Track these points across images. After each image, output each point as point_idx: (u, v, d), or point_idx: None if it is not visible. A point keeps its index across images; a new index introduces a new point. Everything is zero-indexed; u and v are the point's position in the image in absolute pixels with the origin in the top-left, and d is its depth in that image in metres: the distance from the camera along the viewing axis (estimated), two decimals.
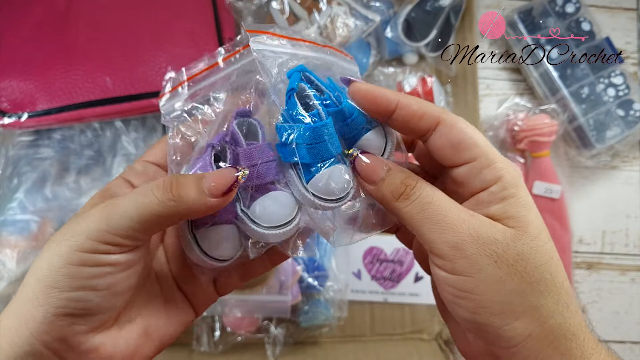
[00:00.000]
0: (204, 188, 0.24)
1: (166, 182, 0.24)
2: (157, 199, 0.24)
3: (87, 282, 0.24)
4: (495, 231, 0.24)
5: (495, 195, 0.25)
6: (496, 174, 0.25)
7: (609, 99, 0.67)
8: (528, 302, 0.23)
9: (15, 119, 0.54)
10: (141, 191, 0.24)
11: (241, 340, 0.59)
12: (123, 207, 0.24)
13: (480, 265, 0.23)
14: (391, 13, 0.67)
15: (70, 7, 0.57)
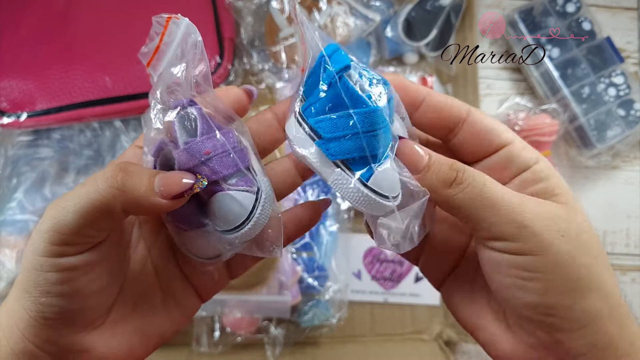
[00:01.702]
0: (154, 185, 0.22)
1: (114, 170, 0.22)
2: (99, 188, 0.22)
3: (51, 288, 0.22)
4: (554, 207, 0.24)
5: (539, 173, 0.25)
6: (535, 154, 0.26)
7: (609, 99, 0.67)
8: (595, 277, 0.23)
9: (15, 119, 0.54)
10: (89, 181, 0.22)
11: (241, 341, 0.59)
12: (66, 202, 0.22)
13: (549, 242, 0.22)
14: (391, 12, 0.67)
15: (69, 7, 0.57)
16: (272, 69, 0.59)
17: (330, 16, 0.58)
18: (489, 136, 0.26)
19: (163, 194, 0.22)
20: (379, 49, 0.68)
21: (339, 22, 0.58)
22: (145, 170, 0.23)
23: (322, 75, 0.23)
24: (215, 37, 0.56)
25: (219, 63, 0.55)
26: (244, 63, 0.59)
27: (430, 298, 0.64)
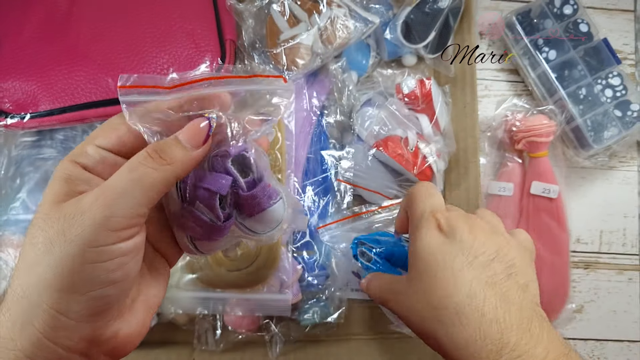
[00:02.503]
0: (185, 144, 0.25)
1: (152, 152, 0.25)
2: (152, 169, 0.24)
3: (107, 277, 0.23)
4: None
5: None
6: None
7: (606, 100, 0.68)
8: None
9: (18, 120, 0.54)
10: (129, 169, 0.24)
11: (242, 339, 0.60)
12: (121, 188, 0.23)
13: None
14: (390, 15, 0.67)
15: (72, 8, 0.57)
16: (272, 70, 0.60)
17: (330, 19, 0.59)
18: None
19: (194, 143, 0.26)
20: (378, 51, 0.69)
21: (339, 25, 0.59)
22: (167, 140, 0.26)
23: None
24: (216, 39, 0.57)
25: (221, 65, 0.55)
26: (245, 65, 0.59)
27: None
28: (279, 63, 0.59)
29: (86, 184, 0.26)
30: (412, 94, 0.63)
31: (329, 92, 0.64)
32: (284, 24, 0.59)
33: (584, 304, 0.71)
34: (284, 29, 0.59)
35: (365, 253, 0.53)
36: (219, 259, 0.55)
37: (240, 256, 0.55)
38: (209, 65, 0.55)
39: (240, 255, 0.55)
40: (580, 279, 0.71)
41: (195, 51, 0.55)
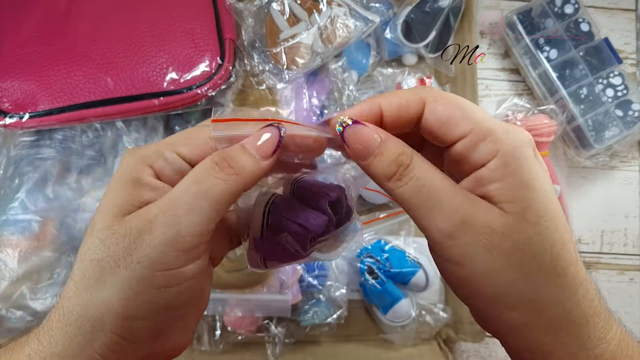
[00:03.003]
0: (255, 154, 0.23)
1: (220, 160, 0.23)
2: (221, 180, 0.22)
3: (173, 302, 0.22)
4: (490, 219, 0.22)
5: (494, 171, 0.22)
6: (493, 147, 0.22)
7: (607, 100, 0.68)
8: (523, 295, 0.22)
9: (17, 119, 0.54)
10: (195, 180, 0.22)
11: (242, 340, 0.59)
12: (189, 202, 0.22)
13: (474, 255, 0.22)
14: (390, 14, 0.67)
15: (71, 8, 0.57)
16: (272, 70, 0.59)
17: (330, 18, 0.58)
18: (444, 127, 0.23)
19: (263, 154, 0.23)
20: (378, 50, 0.68)
21: (339, 24, 0.58)
22: (234, 149, 0.24)
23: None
24: (216, 38, 0.56)
25: (220, 64, 0.55)
26: (245, 64, 0.59)
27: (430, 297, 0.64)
28: (279, 62, 0.58)
29: (153, 192, 0.23)
30: None
31: (329, 91, 0.64)
32: (284, 23, 0.59)
33: None
34: (283, 28, 0.59)
35: (373, 271, 0.56)
36: None
37: (240, 257, 0.55)
38: (208, 65, 0.55)
39: (240, 256, 0.55)
40: None
41: (195, 50, 0.55)
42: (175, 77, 0.54)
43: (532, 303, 0.22)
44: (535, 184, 0.22)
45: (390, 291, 0.59)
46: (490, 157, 0.22)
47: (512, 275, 0.22)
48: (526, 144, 0.23)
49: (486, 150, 0.22)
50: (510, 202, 0.22)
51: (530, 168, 0.22)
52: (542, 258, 0.22)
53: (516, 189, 0.22)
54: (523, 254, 0.22)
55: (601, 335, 0.22)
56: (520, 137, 0.23)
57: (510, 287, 0.22)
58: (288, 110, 0.60)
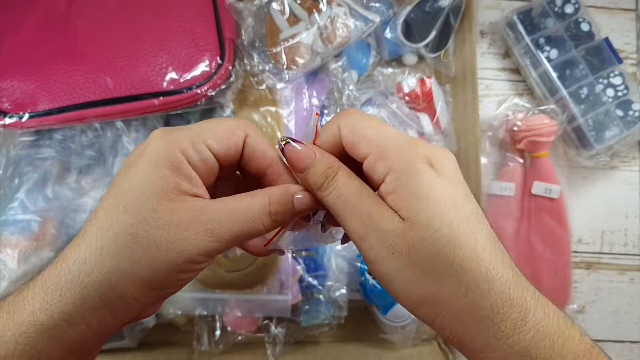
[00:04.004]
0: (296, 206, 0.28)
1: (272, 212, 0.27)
2: (263, 226, 0.26)
3: (181, 283, 0.26)
4: (391, 223, 0.25)
5: (388, 185, 0.26)
6: (386, 166, 0.26)
7: (608, 100, 0.68)
8: (425, 291, 0.25)
9: (17, 119, 0.54)
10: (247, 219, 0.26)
11: (241, 340, 0.59)
12: (229, 225, 0.25)
13: (382, 256, 0.25)
14: (391, 14, 0.67)
15: (70, 8, 0.57)
16: (272, 70, 0.59)
17: (330, 18, 0.58)
18: (352, 150, 0.27)
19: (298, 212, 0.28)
20: (378, 50, 0.68)
21: (339, 24, 0.58)
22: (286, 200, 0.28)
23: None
24: (216, 38, 0.56)
25: (220, 64, 0.55)
26: (245, 64, 0.59)
27: None
28: (279, 62, 0.58)
29: (189, 183, 0.26)
30: (413, 92, 0.63)
31: (329, 91, 0.64)
32: (284, 22, 0.59)
33: (586, 304, 0.70)
34: (283, 28, 0.59)
35: None
36: (218, 260, 0.55)
37: (240, 257, 0.55)
38: (208, 65, 0.55)
39: (240, 256, 0.55)
40: (581, 279, 0.71)
41: (195, 50, 0.55)
42: (175, 77, 0.54)
43: (435, 298, 0.24)
44: (423, 193, 0.25)
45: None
46: (384, 174, 0.26)
47: (412, 274, 0.25)
48: (416, 160, 0.25)
49: (381, 168, 0.26)
50: (402, 210, 0.25)
51: (420, 179, 0.25)
52: (437, 256, 0.24)
53: (406, 199, 0.25)
54: (419, 254, 0.24)
55: (514, 326, 0.24)
56: (411, 154, 0.26)
57: (413, 284, 0.25)
58: (288, 110, 0.60)
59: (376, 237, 0.25)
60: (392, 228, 0.25)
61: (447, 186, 0.25)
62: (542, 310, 0.24)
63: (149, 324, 0.58)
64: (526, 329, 0.24)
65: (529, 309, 0.24)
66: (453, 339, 0.25)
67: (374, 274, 0.26)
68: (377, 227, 0.25)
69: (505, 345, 0.24)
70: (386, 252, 0.25)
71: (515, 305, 0.24)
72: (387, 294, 0.51)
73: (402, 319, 0.60)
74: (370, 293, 0.60)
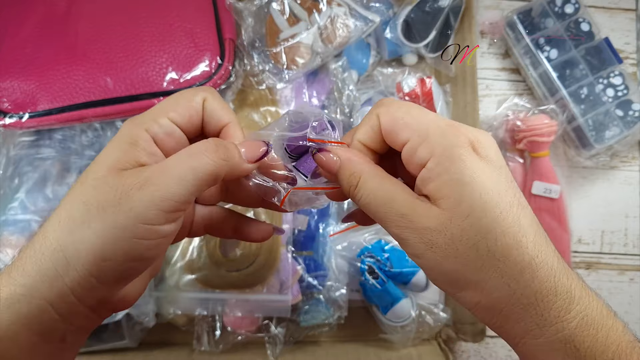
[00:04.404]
0: (243, 155, 0.27)
1: (217, 147, 0.26)
2: (211, 161, 0.25)
3: (141, 254, 0.25)
4: (428, 219, 0.25)
5: (430, 171, 0.25)
6: (428, 150, 0.25)
7: (608, 100, 0.68)
8: (467, 279, 0.25)
9: (17, 119, 0.54)
10: (193, 154, 0.25)
11: (242, 340, 0.59)
12: (178, 173, 0.24)
13: (420, 251, 0.25)
14: (391, 14, 0.67)
15: (71, 8, 0.57)
16: (272, 70, 0.59)
17: (330, 17, 0.58)
18: (390, 137, 0.27)
19: (249, 159, 0.28)
20: (378, 50, 0.68)
21: (339, 24, 0.58)
22: (230, 143, 0.27)
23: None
24: (216, 38, 0.56)
25: (220, 64, 0.55)
26: (245, 64, 0.59)
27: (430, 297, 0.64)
28: (279, 62, 0.58)
29: (148, 157, 0.26)
30: (413, 92, 0.63)
31: (329, 91, 0.64)
32: (284, 22, 0.59)
33: None
34: (283, 28, 0.59)
35: (374, 271, 0.56)
36: (218, 260, 0.55)
37: (240, 256, 0.55)
38: (208, 64, 0.55)
39: (240, 256, 0.55)
40: None
41: (195, 50, 0.55)
42: (175, 76, 0.54)
43: (477, 286, 0.25)
44: (467, 180, 0.24)
45: (390, 291, 0.59)
46: (426, 159, 0.26)
47: (452, 266, 0.25)
48: (459, 145, 0.25)
49: (423, 153, 0.26)
50: (444, 199, 0.25)
51: (462, 166, 0.25)
52: (478, 246, 0.24)
53: (448, 186, 0.25)
54: (458, 246, 0.24)
55: (558, 314, 0.24)
56: (453, 138, 0.25)
57: (454, 273, 0.25)
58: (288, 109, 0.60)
59: (413, 235, 0.25)
60: (429, 225, 0.25)
61: (490, 171, 0.25)
62: (587, 299, 0.24)
63: (149, 324, 0.58)
64: (570, 317, 0.24)
65: (573, 297, 0.24)
66: (494, 325, 0.25)
67: (415, 262, 0.27)
68: (413, 226, 0.25)
69: (548, 333, 0.24)
70: (425, 247, 0.25)
71: (559, 293, 0.24)
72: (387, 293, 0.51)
73: (402, 319, 0.60)
74: (370, 293, 0.60)
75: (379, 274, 0.59)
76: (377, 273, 0.59)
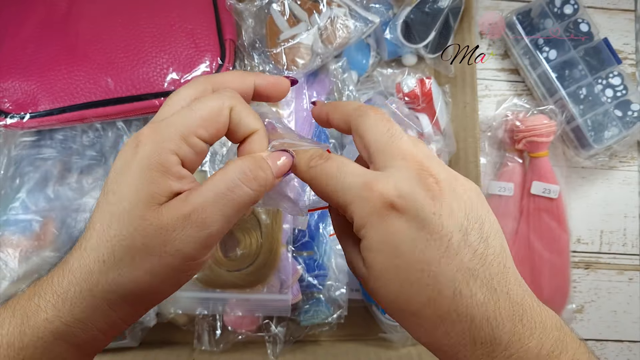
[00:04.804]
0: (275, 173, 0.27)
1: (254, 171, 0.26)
2: (250, 190, 0.25)
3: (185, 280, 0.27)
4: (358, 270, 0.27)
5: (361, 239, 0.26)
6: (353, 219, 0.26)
7: (606, 100, 0.68)
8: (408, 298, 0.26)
9: (18, 120, 0.54)
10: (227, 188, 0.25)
11: (242, 339, 0.60)
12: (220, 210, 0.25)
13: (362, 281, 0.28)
14: (390, 14, 0.67)
15: (71, 8, 0.57)
16: (272, 70, 0.60)
17: (330, 18, 0.58)
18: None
19: (277, 175, 0.27)
20: (378, 50, 0.69)
21: (339, 25, 0.59)
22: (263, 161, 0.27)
23: None
24: (216, 39, 0.56)
25: (221, 64, 0.55)
26: (245, 65, 0.59)
27: None
28: (279, 63, 0.59)
29: (179, 182, 0.25)
30: (412, 93, 0.63)
31: (329, 92, 0.64)
32: (284, 23, 0.59)
33: (584, 304, 0.70)
34: (284, 29, 0.59)
35: None
36: (218, 259, 0.55)
37: (240, 256, 0.55)
38: (208, 65, 0.55)
39: (240, 256, 0.55)
40: (580, 279, 0.71)
41: (195, 51, 0.55)
42: (175, 77, 0.55)
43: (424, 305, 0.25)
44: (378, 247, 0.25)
45: None
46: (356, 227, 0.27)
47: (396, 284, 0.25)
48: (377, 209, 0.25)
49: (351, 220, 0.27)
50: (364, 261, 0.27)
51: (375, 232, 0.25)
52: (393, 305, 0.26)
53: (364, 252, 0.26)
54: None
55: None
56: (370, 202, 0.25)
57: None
58: (288, 110, 0.61)
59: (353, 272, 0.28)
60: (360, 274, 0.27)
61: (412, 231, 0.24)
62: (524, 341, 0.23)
63: (150, 324, 0.58)
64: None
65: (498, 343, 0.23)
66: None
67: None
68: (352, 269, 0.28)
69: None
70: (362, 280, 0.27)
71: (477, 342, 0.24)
72: None
73: None
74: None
75: None
76: None
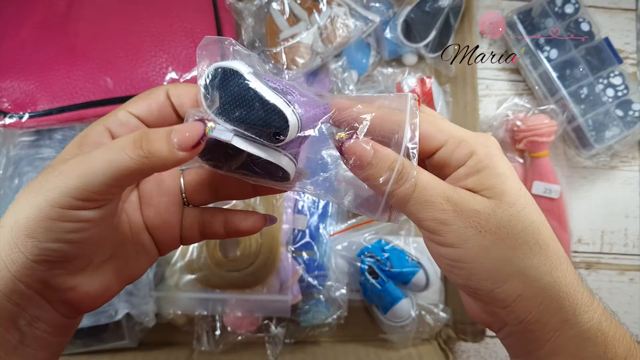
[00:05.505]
0: (174, 144, 0.25)
1: (136, 139, 0.25)
2: (128, 157, 0.24)
3: (63, 236, 0.25)
4: (475, 203, 0.26)
5: (471, 168, 0.26)
6: (468, 150, 0.27)
7: (607, 100, 0.68)
8: (513, 267, 0.25)
9: (17, 119, 0.54)
10: (112, 148, 0.25)
11: (242, 340, 0.59)
12: (95, 165, 0.24)
13: (466, 237, 0.25)
14: (391, 14, 0.67)
15: (71, 8, 0.57)
16: (272, 70, 0.59)
17: (330, 17, 0.58)
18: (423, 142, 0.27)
19: (182, 145, 0.25)
20: (378, 50, 0.68)
21: (339, 24, 0.58)
22: (159, 131, 0.25)
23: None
24: None
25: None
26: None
27: (430, 297, 0.64)
28: (279, 62, 0.58)
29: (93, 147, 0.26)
30: (413, 92, 0.63)
31: (329, 91, 0.64)
32: (284, 22, 0.59)
33: None
34: (283, 28, 0.59)
35: (374, 271, 0.56)
36: (218, 260, 0.55)
37: (240, 257, 0.55)
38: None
39: (240, 256, 0.55)
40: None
41: (194, 50, 0.55)
42: (175, 77, 0.54)
43: (523, 274, 0.25)
44: (508, 175, 0.26)
45: (390, 291, 0.59)
46: (466, 158, 0.27)
47: (501, 250, 0.25)
48: (493, 146, 0.27)
49: (462, 153, 0.27)
50: (488, 189, 0.26)
51: (500, 162, 0.27)
52: (525, 233, 0.25)
53: (492, 178, 0.26)
54: (507, 231, 0.25)
55: (587, 303, 0.25)
56: (487, 141, 0.27)
57: (501, 260, 0.25)
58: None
59: (461, 218, 0.25)
60: (479, 208, 0.25)
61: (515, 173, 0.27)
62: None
63: (149, 324, 0.58)
64: (595, 306, 0.26)
65: (589, 289, 0.26)
66: (529, 321, 0.26)
67: (448, 257, 0.26)
68: (462, 209, 0.25)
69: (581, 322, 0.25)
70: (473, 231, 0.25)
71: (581, 284, 0.26)
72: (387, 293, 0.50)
73: (402, 319, 0.60)
74: (371, 293, 0.60)
75: (379, 273, 0.59)
76: (377, 273, 0.59)
